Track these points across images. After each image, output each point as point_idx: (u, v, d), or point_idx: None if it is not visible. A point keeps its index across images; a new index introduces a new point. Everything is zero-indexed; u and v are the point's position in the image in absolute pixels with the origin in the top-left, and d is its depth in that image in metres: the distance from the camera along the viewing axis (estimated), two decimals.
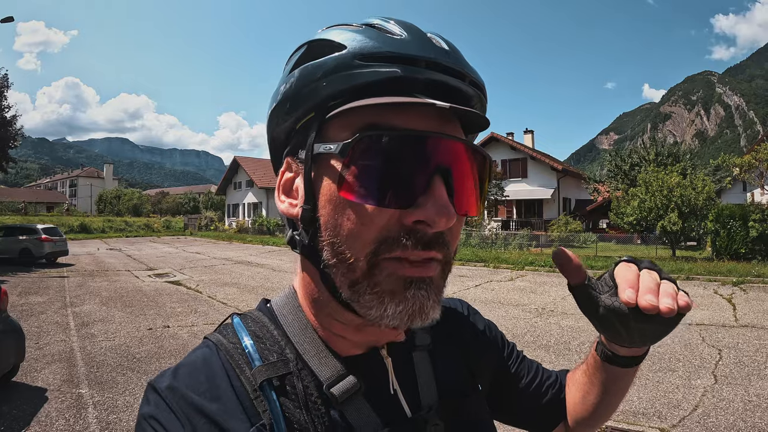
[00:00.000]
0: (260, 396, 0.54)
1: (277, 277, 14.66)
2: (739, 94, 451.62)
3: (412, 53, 0.53)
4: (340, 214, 0.52)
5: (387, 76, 0.52)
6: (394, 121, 0.51)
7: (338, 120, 0.54)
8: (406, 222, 0.50)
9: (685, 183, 18.64)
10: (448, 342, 0.75)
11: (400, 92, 0.52)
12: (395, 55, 0.52)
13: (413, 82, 0.52)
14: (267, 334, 0.62)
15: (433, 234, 0.51)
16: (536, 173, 33.92)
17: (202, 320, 8.66)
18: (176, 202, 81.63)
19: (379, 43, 0.53)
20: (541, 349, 6.79)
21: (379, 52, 0.53)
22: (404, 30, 0.55)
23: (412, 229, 0.50)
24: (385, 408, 0.60)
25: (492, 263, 17.64)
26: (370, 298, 0.52)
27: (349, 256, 0.52)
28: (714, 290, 11.63)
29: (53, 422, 4.41)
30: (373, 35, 0.55)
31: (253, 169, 45.89)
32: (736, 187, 33.99)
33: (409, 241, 0.50)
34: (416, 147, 0.50)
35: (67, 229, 35.70)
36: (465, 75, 0.55)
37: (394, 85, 0.52)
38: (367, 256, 0.51)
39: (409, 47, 0.53)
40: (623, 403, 4.07)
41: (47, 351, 6.61)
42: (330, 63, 0.54)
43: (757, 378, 5.51)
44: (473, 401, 0.70)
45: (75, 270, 16.18)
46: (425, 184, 0.50)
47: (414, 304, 0.51)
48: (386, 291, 0.51)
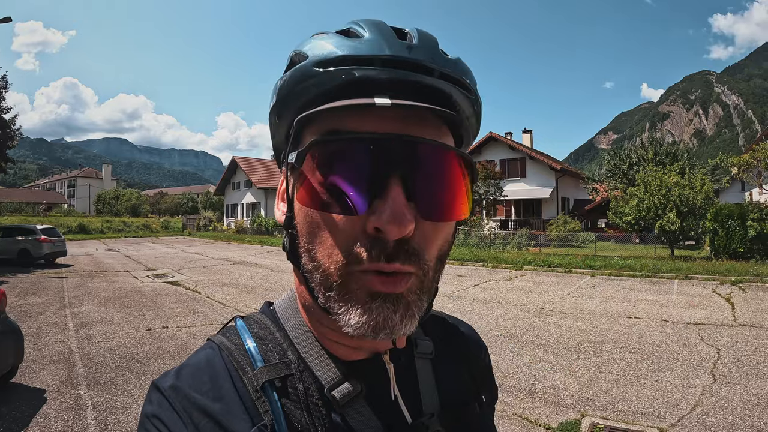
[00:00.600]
0: (262, 397, 0.55)
1: (275, 278, 14.66)
2: (738, 94, 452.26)
3: (366, 53, 0.52)
4: (308, 222, 0.53)
5: (342, 80, 0.51)
6: (352, 125, 0.51)
7: (308, 128, 0.55)
8: (369, 230, 0.49)
9: (683, 182, 18.66)
10: (453, 354, 0.75)
11: (364, 94, 0.51)
12: (351, 57, 0.52)
13: (374, 83, 0.51)
14: (269, 336, 0.62)
15: (394, 243, 0.49)
16: (535, 173, 33.95)
17: (201, 321, 8.65)
18: (175, 203, 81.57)
19: (337, 47, 0.53)
20: (539, 348, 6.79)
21: (335, 56, 0.52)
22: (370, 30, 0.54)
23: (375, 238, 0.49)
24: (386, 413, 0.60)
25: (491, 263, 17.65)
26: (338, 306, 0.52)
27: (322, 263, 0.52)
28: (713, 289, 11.65)
29: (52, 423, 4.40)
30: (336, 41, 0.54)
31: (251, 169, 45.89)
32: (734, 186, 34.08)
33: (374, 252, 0.49)
34: (368, 150, 0.49)
35: (66, 229, 35.69)
36: (431, 69, 0.53)
37: (353, 88, 0.51)
38: (338, 267, 0.51)
39: (366, 47, 0.52)
40: (622, 402, 4.09)
41: (46, 352, 6.60)
42: (296, 73, 0.55)
43: (756, 377, 5.51)
44: (476, 411, 0.70)
45: (73, 271, 16.17)
46: (380, 189, 0.49)
47: (378, 316, 0.50)
48: (352, 300, 0.51)
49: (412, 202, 0.49)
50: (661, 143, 35.07)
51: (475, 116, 0.60)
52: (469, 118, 0.59)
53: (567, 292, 11.83)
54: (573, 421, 4.48)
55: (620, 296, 11.02)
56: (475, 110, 0.59)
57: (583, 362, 6.20)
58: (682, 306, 9.68)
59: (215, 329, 7.89)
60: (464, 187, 0.54)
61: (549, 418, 4.60)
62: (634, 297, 10.86)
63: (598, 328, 7.91)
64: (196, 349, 0.64)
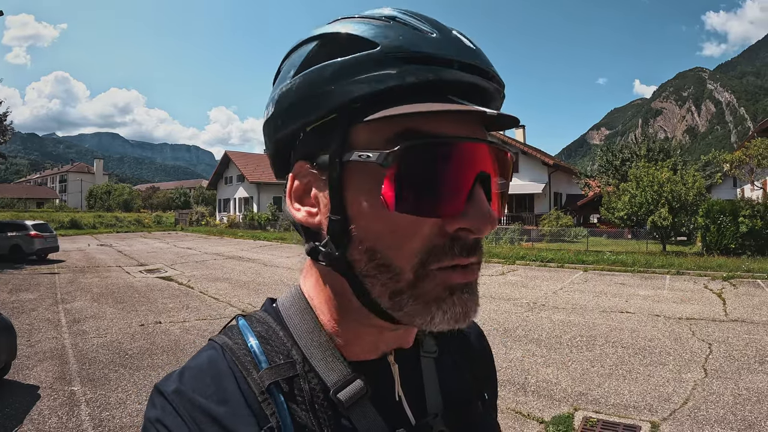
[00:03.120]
0: (268, 399, 0.54)
1: (268, 272, 14.66)
2: (730, 91, 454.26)
3: (446, 54, 0.50)
4: (382, 226, 0.50)
5: (425, 80, 0.49)
6: (427, 126, 0.49)
7: (368, 124, 0.50)
8: (450, 230, 0.50)
9: (675, 178, 18.78)
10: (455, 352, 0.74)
11: (435, 95, 0.50)
12: (431, 56, 0.50)
13: (447, 85, 0.51)
14: (273, 336, 0.61)
15: (474, 240, 0.51)
16: (528, 168, 33.94)
17: (194, 316, 8.64)
18: (167, 197, 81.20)
19: (414, 41, 0.50)
20: (532, 343, 6.83)
21: (416, 53, 0.50)
22: (431, 26, 0.52)
23: (456, 237, 0.50)
24: (391, 414, 0.59)
25: (483, 257, 17.59)
26: (413, 308, 0.51)
27: (393, 267, 0.51)
28: (704, 285, 11.75)
29: (46, 420, 4.40)
30: (404, 32, 0.51)
31: (244, 163, 45.61)
32: (726, 182, 34.30)
33: (455, 249, 0.50)
34: (458, 154, 0.49)
35: (58, 225, 35.44)
36: (492, 75, 0.54)
37: (428, 88, 0.50)
38: (413, 267, 0.50)
39: (442, 47, 0.51)
40: (614, 395, 4.12)
41: (39, 348, 6.58)
42: (359, 61, 0.50)
43: (747, 372, 5.57)
44: (479, 410, 0.70)
45: (66, 266, 16.09)
46: (468, 192, 0.49)
47: (461, 309, 0.51)
48: (432, 299, 0.51)
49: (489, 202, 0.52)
50: (654, 139, 35.19)
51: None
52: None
53: (559, 286, 11.90)
54: (566, 415, 4.52)
55: (612, 291, 11.10)
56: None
57: (575, 356, 6.25)
58: (674, 301, 9.77)
59: (208, 324, 7.88)
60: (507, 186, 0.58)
61: (542, 411, 4.64)
62: (627, 292, 10.94)
63: (591, 323, 7.96)
64: (198, 350, 0.62)
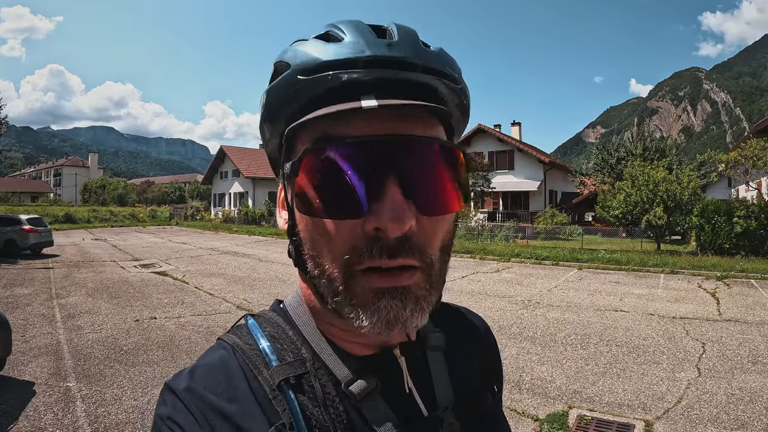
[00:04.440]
0: (279, 396, 0.55)
1: (263, 268, 14.64)
2: (726, 91, 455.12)
3: (348, 56, 0.52)
4: (309, 230, 0.54)
5: (328, 86, 0.52)
6: (341, 130, 0.50)
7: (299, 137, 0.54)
8: (368, 230, 0.49)
9: (670, 178, 18.84)
10: (464, 345, 0.75)
11: (351, 97, 0.51)
12: (332, 62, 0.52)
13: (359, 85, 0.51)
14: (282, 335, 0.62)
15: (395, 240, 0.49)
16: (523, 165, 33.97)
17: (189, 311, 8.63)
18: (162, 192, 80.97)
19: (318, 53, 0.53)
20: (527, 340, 6.86)
21: (317, 63, 0.52)
22: (348, 32, 0.54)
23: (375, 237, 0.50)
24: (401, 406, 0.60)
25: (478, 255, 17.74)
26: (349, 310, 0.52)
27: (326, 268, 0.53)
28: (698, 284, 11.81)
29: (41, 416, 4.38)
30: (316, 47, 0.54)
31: (239, 158, 45.45)
32: (721, 182, 34.39)
33: (374, 250, 0.50)
34: (360, 153, 0.49)
35: (52, 219, 35.31)
36: (413, 64, 0.53)
37: (339, 93, 0.51)
38: (341, 269, 0.52)
39: (347, 50, 0.52)
40: (608, 394, 4.13)
41: (34, 344, 6.55)
42: (281, 83, 0.55)
43: (740, 371, 5.61)
44: (489, 401, 0.71)
45: (60, 261, 16.03)
46: (377, 190, 0.49)
47: (388, 314, 0.50)
48: (360, 303, 0.51)
49: (410, 199, 0.50)
50: (650, 138, 35.25)
51: (463, 105, 0.60)
52: (458, 107, 0.59)
53: (554, 284, 11.93)
54: (560, 413, 4.54)
55: (607, 289, 11.14)
56: (463, 99, 0.59)
57: (570, 354, 6.28)
58: (668, 300, 9.81)
59: (204, 320, 7.88)
60: (459, 178, 0.55)
61: (536, 409, 4.66)
62: (621, 290, 10.99)
63: (585, 321, 8.00)
64: (207, 349, 0.63)
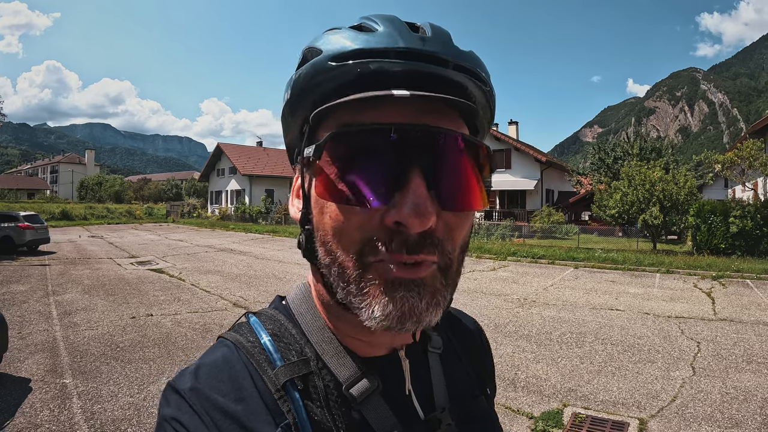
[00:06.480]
0: (284, 396, 0.55)
1: (260, 265, 14.64)
2: (724, 92, 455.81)
3: (380, 46, 0.51)
4: (324, 216, 0.53)
5: (358, 73, 0.51)
6: (369, 117, 0.50)
7: (323, 123, 0.54)
8: (388, 223, 0.48)
9: (667, 178, 18.87)
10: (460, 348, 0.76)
11: (380, 87, 0.50)
12: (365, 50, 0.51)
13: (389, 75, 0.51)
14: (285, 333, 0.61)
15: (417, 236, 0.48)
16: (520, 164, 33.98)
17: (186, 308, 8.63)
18: (158, 189, 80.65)
19: (351, 41, 0.53)
20: (522, 339, 6.88)
21: (350, 50, 0.52)
22: (383, 24, 0.54)
23: (395, 231, 0.48)
24: (401, 408, 0.60)
25: (475, 253, 17.75)
26: (359, 300, 0.51)
27: (338, 257, 0.52)
28: (694, 284, 11.85)
29: (38, 413, 4.39)
30: (350, 35, 0.54)
31: (236, 155, 45.39)
32: (717, 183, 34.56)
33: (393, 244, 0.49)
34: (387, 141, 0.48)
35: (49, 216, 35.20)
36: (445, 60, 0.52)
37: (369, 81, 0.51)
38: (354, 259, 0.51)
39: (380, 40, 0.52)
40: (603, 392, 4.15)
41: (30, 341, 6.55)
42: (311, 69, 0.54)
43: (735, 371, 5.64)
44: (483, 404, 0.72)
45: (57, 258, 15.98)
46: (400, 181, 0.48)
47: (403, 306, 0.49)
48: (373, 293, 0.50)
49: (433, 192, 0.49)
50: (646, 138, 35.29)
51: (490, 107, 0.60)
52: (484, 108, 0.59)
53: (550, 283, 11.96)
54: (555, 411, 4.57)
55: (603, 288, 11.18)
56: (489, 101, 0.59)
57: (565, 353, 6.30)
58: (663, 299, 9.85)
59: (200, 317, 7.88)
60: (483, 176, 0.55)
61: (532, 407, 4.68)
62: (617, 289, 11.02)
63: (581, 320, 8.02)
64: (210, 347, 0.63)
